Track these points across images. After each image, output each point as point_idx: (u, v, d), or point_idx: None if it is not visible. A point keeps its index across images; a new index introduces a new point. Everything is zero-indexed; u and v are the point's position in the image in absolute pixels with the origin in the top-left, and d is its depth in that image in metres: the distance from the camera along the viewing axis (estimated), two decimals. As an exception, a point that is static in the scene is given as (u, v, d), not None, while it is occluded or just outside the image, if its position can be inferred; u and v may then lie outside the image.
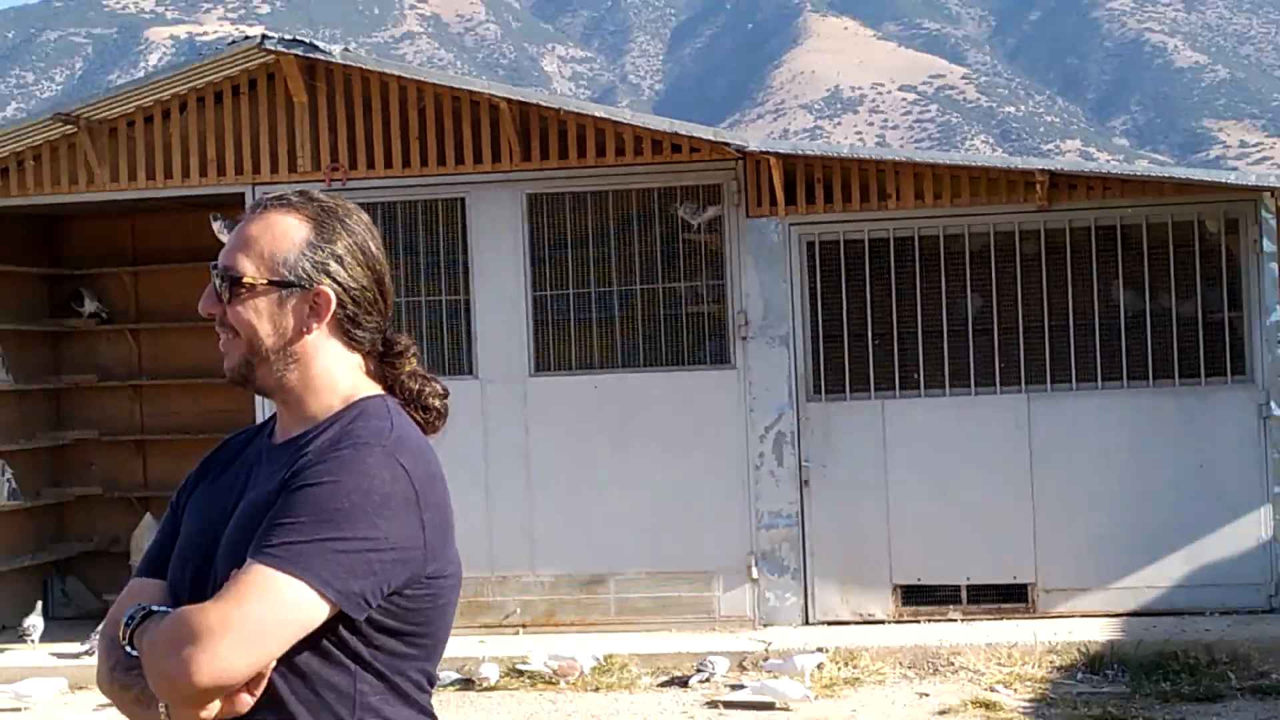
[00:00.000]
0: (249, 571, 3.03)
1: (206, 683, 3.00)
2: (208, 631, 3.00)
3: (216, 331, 3.34)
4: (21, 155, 14.93)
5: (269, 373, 3.29)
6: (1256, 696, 11.31)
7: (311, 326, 3.28)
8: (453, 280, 14.22)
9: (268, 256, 3.28)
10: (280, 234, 3.31)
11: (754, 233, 13.82)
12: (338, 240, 3.33)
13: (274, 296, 3.27)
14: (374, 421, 3.24)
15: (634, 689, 12.49)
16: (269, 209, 3.35)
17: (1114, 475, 13.45)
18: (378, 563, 3.11)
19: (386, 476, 3.14)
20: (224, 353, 3.31)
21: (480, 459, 13.80)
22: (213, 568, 3.20)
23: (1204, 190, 13.66)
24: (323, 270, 3.28)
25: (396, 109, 14.31)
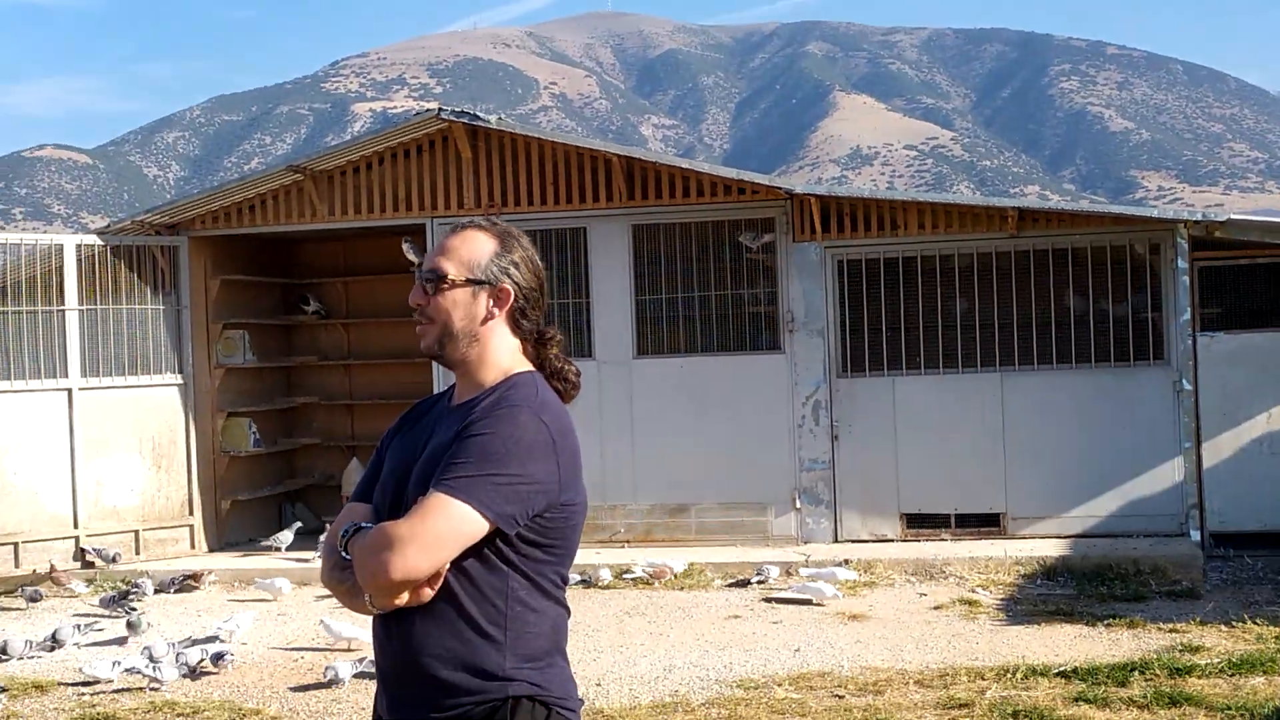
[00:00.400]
0: (430, 498, 3.18)
1: (398, 578, 3.14)
2: (400, 540, 3.13)
3: (416, 319, 3.45)
4: (264, 195, 15.08)
5: (455, 348, 3.41)
6: (1170, 598, 11.25)
7: (494, 314, 3.42)
8: (576, 288, 14.28)
9: (465, 261, 3.42)
10: (475, 246, 3.45)
11: (799, 253, 13.83)
12: (515, 252, 3.48)
13: (468, 291, 3.40)
14: (524, 390, 3.36)
15: (709, 588, 12.52)
16: (466, 228, 3.51)
17: (1065, 433, 13.42)
18: (524, 493, 3.22)
19: (532, 429, 3.26)
20: (421, 334, 3.44)
21: (596, 419, 13.85)
22: (406, 496, 3.31)
23: (1133, 222, 13.61)
24: (504, 273, 3.43)
25: (536, 162, 14.37)
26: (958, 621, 10.74)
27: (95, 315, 14.53)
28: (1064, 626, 10.33)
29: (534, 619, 3.29)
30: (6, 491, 13.86)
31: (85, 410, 14.34)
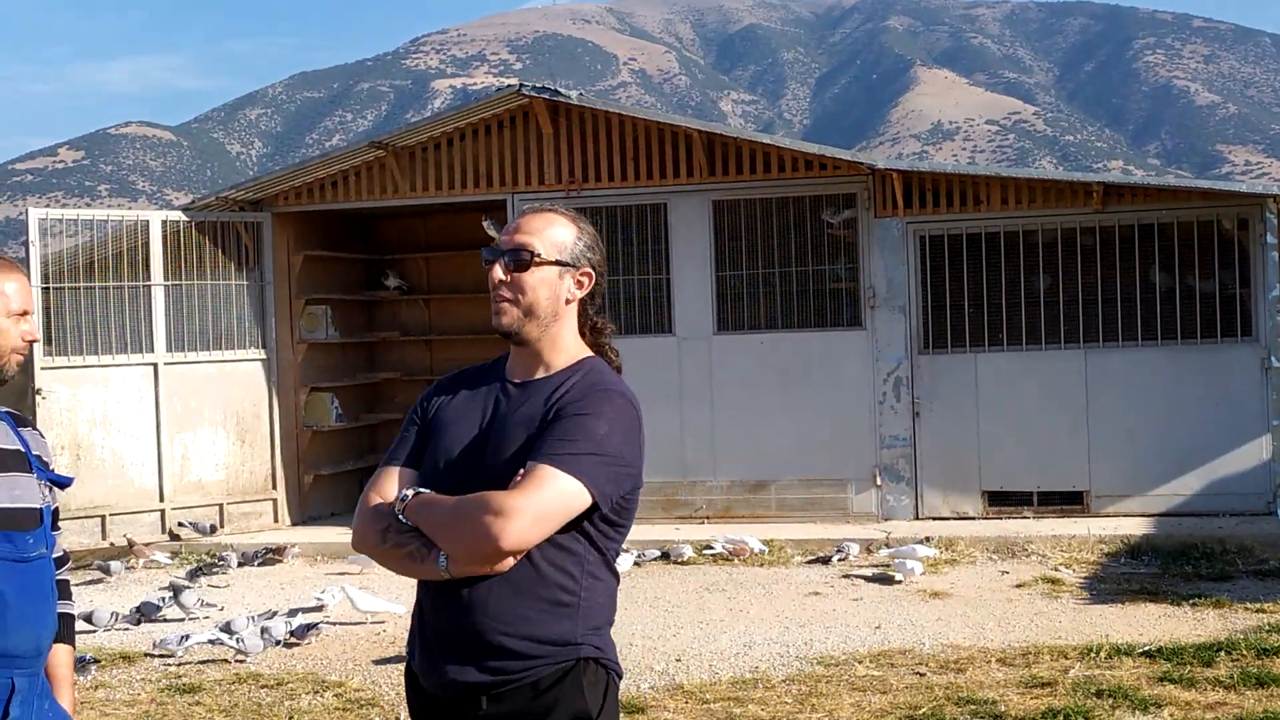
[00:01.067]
0: (539, 470, 3.20)
1: (509, 547, 3.18)
2: (514, 510, 3.15)
3: (497, 296, 3.44)
4: (346, 172, 15.18)
5: (536, 327, 3.43)
6: (1257, 578, 11.13)
7: (575, 296, 3.46)
8: (657, 264, 14.28)
9: (553, 242, 3.44)
10: (560, 228, 3.47)
11: (880, 229, 13.76)
12: (587, 236, 3.50)
13: (555, 271, 3.42)
14: (608, 375, 3.45)
15: (789, 565, 12.51)
16: (545, 210, 3.55)
17: (1149, 410, 13.29)
18: (621, 475, 3.31)
19: (628, 415, 3.35)
20: (499, 311, 3.44)
21: (676, 395, 13.88)
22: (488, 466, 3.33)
23: (1221, 197, 13.46)
24: (585, 257, 3.46)
25: (616, 137, 14.37)
26: (1040, 600, 10.68)
27: (180, 291, 14.67)
28: (1148, 606, 10.25)
29: (600, 589, 3.37)
30: (94, 466, 14.05)
31: (170, 385, 14.50)
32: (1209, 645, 8.76)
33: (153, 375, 14.42)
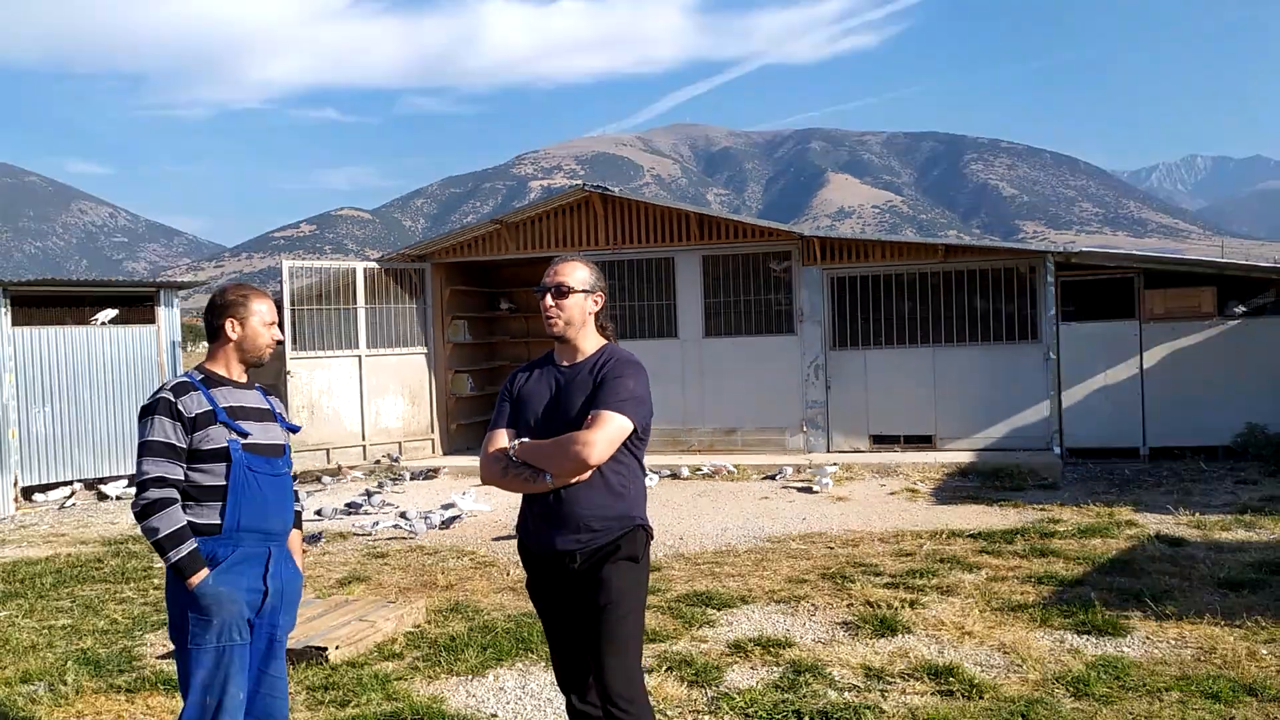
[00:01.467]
0: (601, 414, 3.36)
1: (594, 463, 3.33)
2: (593, 441, 3.31)
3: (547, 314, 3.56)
4: (477, 238, 15.17)
5: (574, 332, 3.57)
6: (1041, 489, 11.05)
7: (594, 309, 3.60)
8: (667, 294, 14.23)
9: (578, 279, 3.57)
10: (580, 270, 3.60)
11: (806, 273, 13.68)
12: (596, 272, 3.63)
13: (581, 296, 3.55)
14: (624, 353, 3.57)
15: (749, 480, 12.47)
16: (569, 260, 3.67)
17: (974, 384, 13.20)
18: (644, 410, 3.45)
19: (643, 374, 3.50)
20: (551, 325, 3.56)
21: (680, 375, 13.84)
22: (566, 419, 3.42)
23: (1019, 254, 13.35)
24: (597, 286, 3.61)
25: (641, 216, 14.33)
26: (905, 502, 10.64)
27: (375, 311, 14.71)
28: (972, 506, 10.20)
29: (639, 482, 3.52)
30: (324, 418, 14.11)
31: (369, 369, 14.55)
32: (1010, 530, 8.72)
33: (358, 363, 14.46)
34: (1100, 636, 5.78)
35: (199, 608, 3.51)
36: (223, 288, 3.83)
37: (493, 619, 6.56)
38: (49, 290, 13.25)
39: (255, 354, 3.76)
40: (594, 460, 3.29)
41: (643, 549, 3.46)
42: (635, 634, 3.41)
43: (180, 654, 3.58)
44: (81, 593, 7.84)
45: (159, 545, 3.48)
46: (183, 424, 3.54)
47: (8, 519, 11.81)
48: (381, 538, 9.66)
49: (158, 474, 3.49)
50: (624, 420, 3.34)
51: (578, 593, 3.42)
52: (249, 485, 3.61)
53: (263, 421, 3.72)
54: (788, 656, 5.62)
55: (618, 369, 3.43)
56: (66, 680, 5.63)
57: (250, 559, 3.62)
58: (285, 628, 3.77)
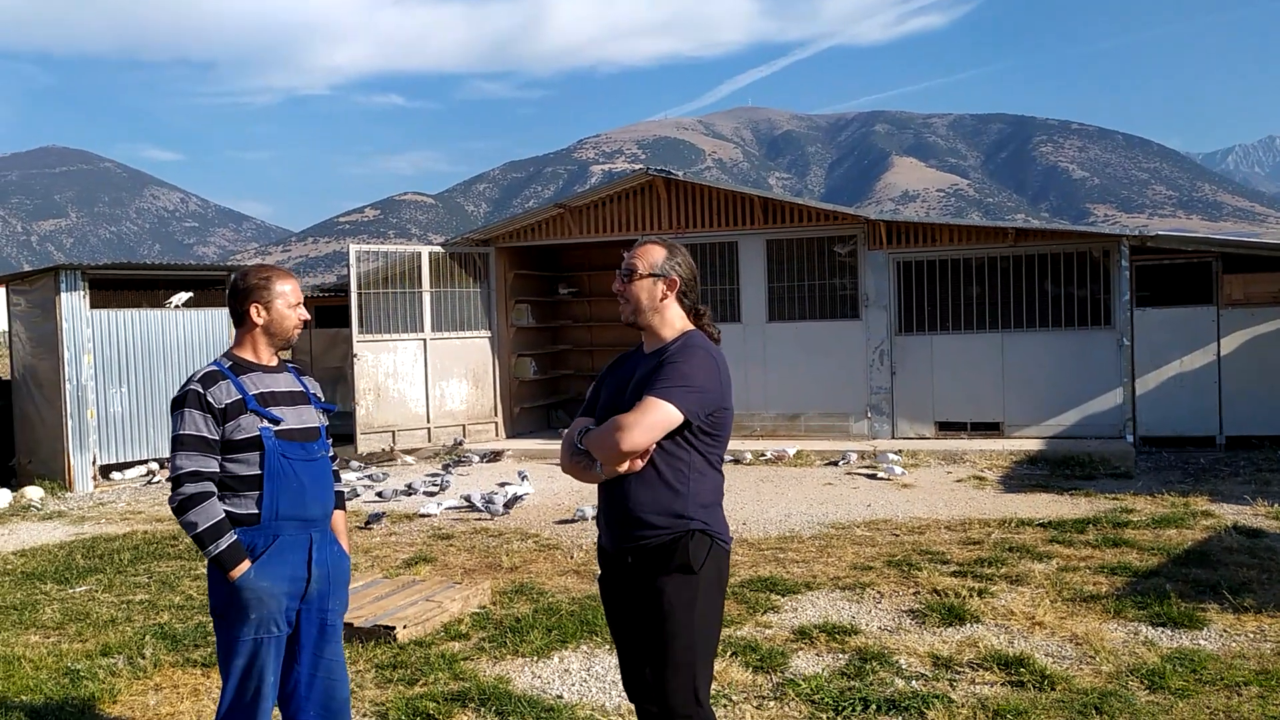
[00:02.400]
0: (645, 400, 3.18)
1: (626, 449, 3.14)
2: (627, 425, 3.14)
3: (619, 299, 3.45)
4: (539, 222, 15.24)
5: (645, 318, 3.41)
6: (1112, 478, 10.84)
7: (667, 295, 3.40)
8: (731, 279, 14.16)
9: (648, 262, 3.41)
10: (653, 253, 3.43)
11: (871, 257, 13.53)
12: (677, 256, 3.47)
13: (650, 280, 3.39)
14: (697, 339, 3.36)
15: (812, 466, 12.40)
16: (646, 242, 3.50)
17: (1044, 370, 12.97)
18: (704, 399, 3.23)
19: (705, 361, 3.27)
20: (621, 309, 3.44)
21: (743, 360, 13.78)
22: (624, 406, 3.27)
23: (1092, 237, 13.06)
24: (672, 269, 3.39)
25: (705, 201, 14.27)
26: (972, 489, 10.50)
27: (440, 295, 14.84)
28: (1042, 495, 10.04)
29: (705, 481, 3.27)
30: (390, 401, 14.28)
31: (434, 352, 14.69)
32: (1082, 520, 8.57)
33: (423, 346, 14.61)
34: (1176, 629, 5.66)
35: (239, 601, 3.51)
36: (244, 271, 3.74)
37: (557, 601, 6.60)
38: (125, 274, 13.56)
39: (283, 336, 3.68)
40: (626, 446, 3.10)
41: (702, 557, 3.19)
42: (693, 650, 3.20)
43: (221, 640, 3.61)
44: (158, 569, 8.04)
45: (198, 539, 3.47)
46: (213, 415, 3.50)
47: (87, 496, 12.15)
48: (446, 519, 9.76)
49: (192, 468, 3.47)
50: (668, 407, 3.12)
51: (635, 599, 3.26)
52: (284, 473, 3.57)
53: (295, 405, 3.67)
54: (854, 644, 5.58)
55: (678, 355, 3.24)
56: (145, 654, 5.77)
57: (291, 547, 3.60)
58: (337, 610, 3.75)
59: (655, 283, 3.37)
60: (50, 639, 6.25)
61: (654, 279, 3.37)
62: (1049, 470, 11.36)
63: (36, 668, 5.63)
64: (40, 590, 7.49)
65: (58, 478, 12.57)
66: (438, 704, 4.83)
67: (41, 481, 12.52)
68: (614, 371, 3.48)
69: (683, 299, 3.40)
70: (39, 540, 9.55)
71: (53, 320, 12.60)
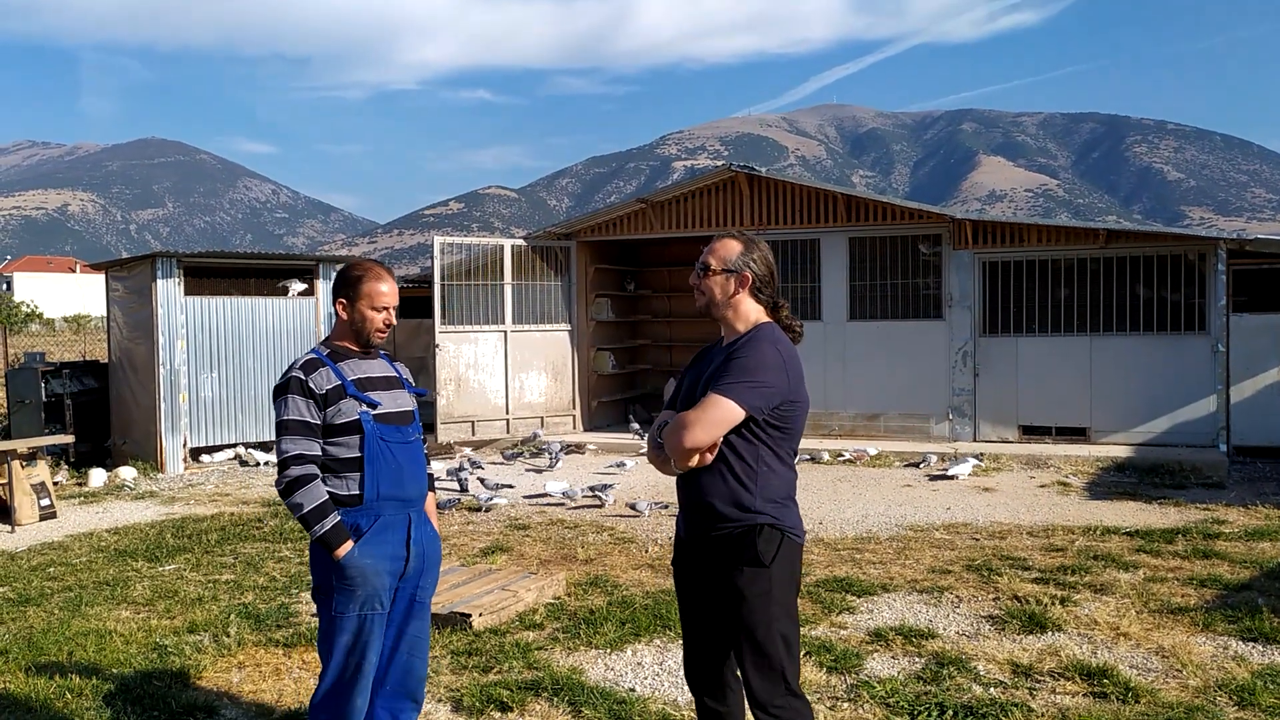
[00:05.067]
0: (708, 396, 3.22)
1: (689, 446, 3.19)
2: (691, 423, 3.19)
3: (695, 292, 3.48)
4: (621, 217, 15.26)
5: (719, 310, 3.44)
6: (1204, 488, 10.51)
7: (739, 290, 3.42)
8: (813, 276, 14.03)
9: (722, 258, 3.44)
10: (728, 248, 3.46)
11: (956, 257, 13.29)
12: (754, 252, 3.47)
13: (723, 276, 3.42)
14: (765, 331, 3.36)
15: (891, 467, 12.24)
16: (725, 237, 3.51)
17: (1134, 376, 12.60)
18: (769, 393, 3.24)
19: (770, 355, 3.27)
20: (697, 302, 3.46)
21: (822, 359, 13.64)
22: (696, 399, 3.30)
23: (1187, 240, 12.65)
24: (746, 265, 3.40)
25: (788, 197, 14.16)
26: (1056, 496, 10.26)
27: (521, 288, 14.96)
28: (1129, 503, 9.77)
29: (774, 476, 3.29)
30: (470, 392, 14.44)
31: (514, 344, 14.82)
32: (1171, 530, 8.32)
33: (504, 338, 14.74)
34: (1268, 644, 5.46)
35: (344, 579, 3.62)
36: (350, 263, 3.85)
37: (631, 594, 6.61)
38: (218, 262, 13.92)
39: (364, 335, 3.76)
40: (688, 444, 3.15)
41: (772, 552, 3.22)
42: (774, 640, 3.22)
43: (324, 618, 3.71)
44: (243, 550, 8.24)
45: (304, 520, 3.59)
46: (315, 401, 3.63)
47: (177, 478, 12.51)
48: (523, 508, 9.83)
49: (297, 451, 3.59)
50: (729, 404, 3.15)
51: (709, 590, 3.32)
52: (383, 455, 3.68)
53: (391, 390, 3.79)
54: (930, 648, 5.49)
55: (744, 349, 3.26)
56: (229, 632, 5.93)
57: (391, 526, 3.71)
58: (428, 589, 3.87)
59: (728, 278, 3.39)
60: (140, 614, 6.45)
61: (727, 274, 3.39)
62: (1137, 478, 11.05)
63: (127, 642, 5.81)
64: (132, 567, 7.73)
65: (150, 459, 12.95)
66: (511, 692, 4.88)
67: (135, 462, 12.92)
68: (695, 365, 3.51)
69: (758, 294, 3.41)
70: (131, 519, 9.86)
71: (149, 306, 12.99)
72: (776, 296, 3.46)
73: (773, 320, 3.42)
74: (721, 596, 3.28)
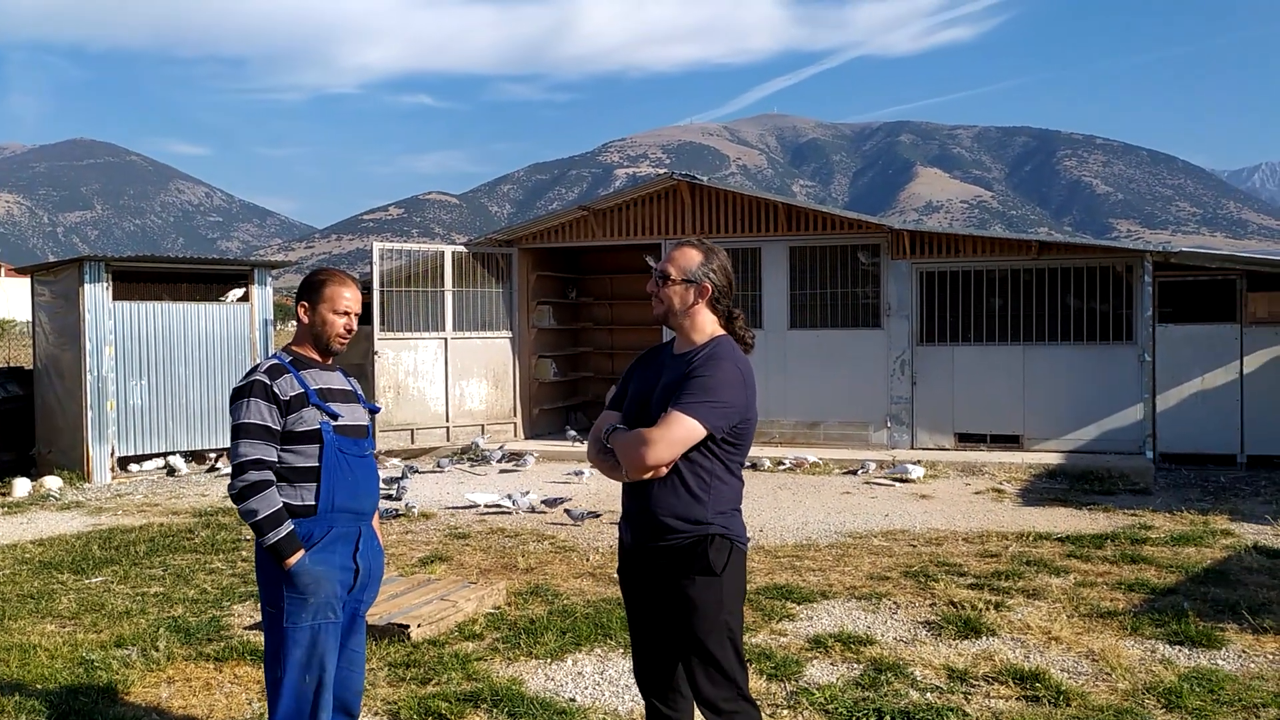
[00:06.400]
0: (671, 413, 3.20)
1: (650, 463, 3.18)
2: (653, 440, 3.17)
3: (651, 300, 3.47)
4: (563, 224, 15.24)
5: (676, 321, 3.43)
6: (1132, 494, 10.76)
7: (698, 301, 3.42)
8: (754, 285, 14.13)
9: (681, 267, 3.42)
10: (689, 258, 3.44)
11: (894, 267, 13.47)
12: (714, 261, 3.45)
13: (683, 285, 3.40)
14: (725, 347, 3.35)
15: (831, 474, 12.35)
16: (684, 245, 3.46)
17: (1064, 385, 12.87)
18: (728, 412, 3.25)
19: (732, 373, 3.27)
20: (654, 309, 3.44)
21: (763, 367, 13.73)
22: (649, 409, 3.31)
23: (1115, 251, 12.96)
24: (705, 275, 3.40)
25: (729, 206, 14.24)
26: (990, 502, 10.43)
27: (462, 294, 14.87)
28: (1060, 509, 9.97)
29: (725, 488, 3.30)
30: (409, 399, 14.32)
31: (454, 352, 14.72)
32: (1100, 535, 8.50)
33: (444, 345, 14.64)
34: (1194, 648, 5.60)
35: (296, 587, 3.56)
36: (314, 269, 3.86)
37: (572, 603, 6.59)
38: (148, 267, 13.64)
39: (325, 340, 3.75)
40: (650, 461, 3.15)
41: (724, 561, 3.24)
42: (725, 644, 3.25)
43: (274, 632, 3.63)
44: (173, 561, 8.07)
45: (258, 526, 3.52)
46: (278, 406, 3.58)
47: (105, 488, 12.22)
48: (465, 516, 9.75)
49: (256, 455, 3.53)
50: (693, 424, 3.15)
51: (658, 598, 3.31)
52: (341, 466, 3.66)
53: (348, 403, 3.77)
54: (869, 654, 5.54)
55: (705, 366, 3.24)
56: (158, 646, 5.79)
57: (343, 538, 3.68)
58: (368, 603, 3.85)
59: (688, 289, 3.38)
60: (66, 629, 6.28)
61: (686, 284, 3.38)
62: (1068, 484, 11.28)
63: (52, 657, 5.65)
64: (57, 580, 7.53)
65: (77, 468, 12.64)
66: (450, 704, 4.83)
67: (60, 471, 12.60)
68: (644, 365, 3.50)
69: (715, 305, 3.41)
70: (57, 530, 9.61)
71: (76, 311, 12.69)
72: (732, 306, 3.47)
73: (727, 331, 3.43)
74: (672, 605, 3.28)
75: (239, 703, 4.95)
